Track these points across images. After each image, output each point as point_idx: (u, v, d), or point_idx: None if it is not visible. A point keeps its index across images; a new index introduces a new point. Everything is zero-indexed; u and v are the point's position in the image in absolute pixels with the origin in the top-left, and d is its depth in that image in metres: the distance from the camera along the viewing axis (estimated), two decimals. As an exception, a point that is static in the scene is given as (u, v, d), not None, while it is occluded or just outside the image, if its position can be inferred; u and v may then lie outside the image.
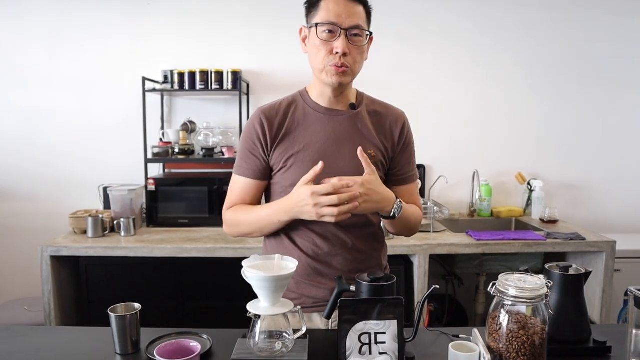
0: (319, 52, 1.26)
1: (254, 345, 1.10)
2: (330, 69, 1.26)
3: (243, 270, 1.11)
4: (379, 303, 0.99)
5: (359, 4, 1.25)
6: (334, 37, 1.24)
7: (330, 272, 1.34)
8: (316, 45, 1.26)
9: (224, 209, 1.40)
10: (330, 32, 1.24)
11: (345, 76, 1.27)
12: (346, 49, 1.23)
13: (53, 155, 3.07)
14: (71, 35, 3.01)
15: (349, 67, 1.26)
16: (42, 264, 2.42)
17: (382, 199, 1.23)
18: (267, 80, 3.07)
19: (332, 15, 1.22)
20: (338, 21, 1.22)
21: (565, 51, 3.14)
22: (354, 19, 1.23)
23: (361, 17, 1.25)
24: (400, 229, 1.38)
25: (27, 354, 1.21)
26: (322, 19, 1.23)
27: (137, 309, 1.22)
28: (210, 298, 2.55)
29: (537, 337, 1.03)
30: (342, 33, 1.22)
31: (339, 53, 1.23)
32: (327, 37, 1.24)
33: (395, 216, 1.26)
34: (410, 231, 1.42)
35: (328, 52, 1.25)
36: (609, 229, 3.12)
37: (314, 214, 1.16)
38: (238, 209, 1.36)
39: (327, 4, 1.23)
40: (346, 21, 1.22)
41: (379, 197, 1.22)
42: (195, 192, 2.80)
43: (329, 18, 1.22)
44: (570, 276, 1.20)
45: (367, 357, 0.98)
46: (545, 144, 3.20)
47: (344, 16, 1.22)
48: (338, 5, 1.22)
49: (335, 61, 1.24)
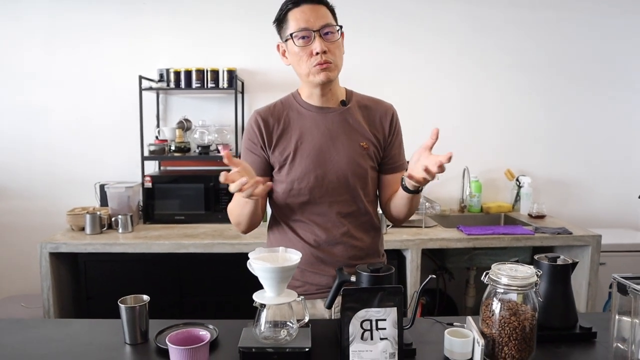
0: (301, 59, 1.35)
1: (260, 334, 1.16)
2: (314, 69, 1.34)
3: (249, 262, 1.16)
4: (380, 291, 1.05)
5: (321, 5, 1.34)
6: (310, 41, 1.32)
7: (331, 260, 1.41)
8: (296, 53, 1.35)
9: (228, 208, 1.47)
10: (305, 38, 1.32)
11: (331, 71, 1.35)
12: (324, 47, 1.31)
13: (49, 153, 3.09)
14: (67, 33, 3.03)
15: (332, 62, 1.34)
16: (41, 261, 2.45)
17: None
18: (261, 78, 3.12)
19: (301, 22, 1.31)
20: (308, 25, 1.31)
21: (553, 50, 3.23)
22: (322, 19, 1.32)
23: (327, 15, 1.34)
24: (410, 210, 1.43)
25: (40, 344, 1.25)
26: (294, 29, 1.32)
27: (146, 300, 1.27)
28: (208, 293, 2.60)
29: (527, 323, 1.09)
30: (315, 35, 1.31)
31: (318, 53, 1.31)
32: (303, 43, 1.33)
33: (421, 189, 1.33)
34: (410, 215, 1.48)
35: (308, 56, 1.33)
36: (594, 224, 3.22)
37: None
38: (231, 203, 1.43)
39: (294, 15, 1.33)
40: (315, 23, 1.31)
41: None
42: (191, 189, 2.84)
43: (300, 25, 1.31)
44: (558, 266, 1.27)
45: (368, 342, 1.04)
46: (534, 142, 3.29)
47: (312, 20, 1.31)
48: (304, 13, 1.32)
49: (318, 60, 1.32)
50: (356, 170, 1.40)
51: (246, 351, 1.13)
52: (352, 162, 1.39)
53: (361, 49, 3.04)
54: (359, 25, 3.02)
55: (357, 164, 1.40)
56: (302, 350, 1.13)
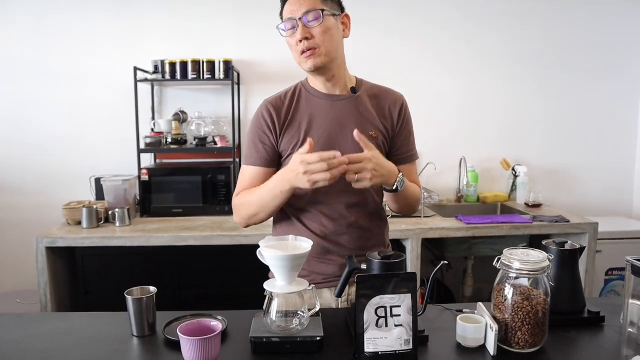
0: (292, 48, 1.36)
1: (271, 323, 1.14)
2: (301, 58, 1.35)
3: (259, 251, 1.15)
4: (394, 278, 1.04)
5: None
6: (295, 30, 1.33)
7: (338, 250, 1.40)
8: (288, 44, 1.37)
9: (234, 198, 1.45)
10: (292, 28, 1.33)
11: (317, 57, 1.33)
12: (305, 34, 1.31)
13: (42, 147, 3.05)
14: (60, 23, 2.98)
15: (316, 48, 1.32)
16: (38, 256, 2.41)
17: (388, 172, 1.29)
18: (258, 70, 3.09)
19: (287, 13, 1.34)
20: (292, 15, 1.32)
21: (550, 41, 3.24)
22: (304, 6, 1.31)
23: (314, 2, 1.32)
24: (402, 205, 1.45)
25: (44, 339, 1.23)
26: (282, 20, 1.36)
27: (153, 292, 1.25)
28: (207, 285, 2.58)
29: (540, 308, 1.09)
30: (298, 24, 1.32)
31: (301, 40, 1.31)
32: (290, 33, 1.34)
33: (399, 189, 1.32)
34: (410, 208, 1.48)
35: (295, 45, 1.34)
36: (590, 212, 3.25)
37: (306, 180, 1.19)
38: (244, 193, 1.41)
39: (285, 8, 1.35)
40: (298, 11, 1.31)
41: (385, 171, 1.28)
42: (188, 182, 2.82)
43: (286, 15, 1.34)
44: (567, 251, 1.27)
45: (383, 329, 1.03)
46: (529, 131, 3.30)
47: (296, 8, 1.31)
48: (291, 4, 1.33)
49: (301, 48, 1.33)
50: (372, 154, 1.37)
51: (258, 341, 1.12)
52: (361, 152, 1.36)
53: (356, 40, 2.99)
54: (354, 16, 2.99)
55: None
56: (314, 339, 1.12)
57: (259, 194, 1.36)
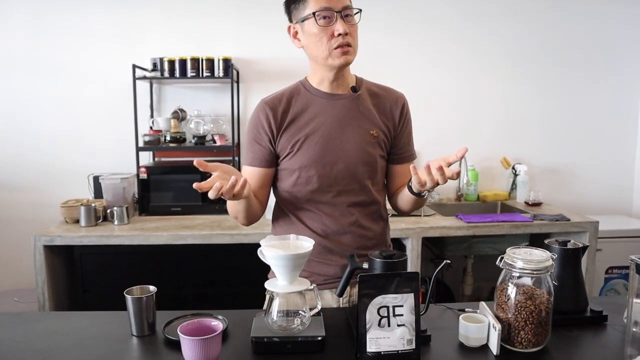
0: (320, 40, 1.30)
1: (272, 323, 1.13)
2: (335, 52, 1.30)
3: (260, 250, 1.14)
4: (396, 277, 1.04)
5: None
6: (332, 22, 1.28)
7: (339, 250, 1.39)
8: (315, 34, 1.30)
9: None
10: (326, 18, 1.28)
11: (350, 54, 1.32)
12: (347, 29, 1.28)
13: (40, 144, 3.03)
14: (58, 20, 2.96)
15: (352, 45, 1.31)
16: (35, 254, 2.40)
17: None
18: (257, 68, 3.07)
19: (323, 2, 1.27)
20: (331, 5, 1.27)
21: (549, 39, 3.23)
22: (343, 1, 1.29)
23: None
24: (414, 206, 1.45)
25: (43, 338, 1.21)
26: (315, 7, 1.27)
27: (153, 291, 1.24)
28: (207, 284, 2.57)
29: (543, 307, 1.09)
30: (337, 16, 1.28)
31: (341, 34, 1.28)
32: (325, 23, 1.28)
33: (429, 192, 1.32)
34: (414, 210, 1.49)
35: (329, 37, 1.29)
36: (589, 211, 3.24)
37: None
38: None
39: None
40: (337, 4, 1.28)
41: None
42: (187, 180, 2.79)
43: (322, 4, 1.27)
44: (570, 250, 1.26)
45: (386, 329, 1.02)
46: (529, 130, 3.30)
47: (334, 0, 1.27)
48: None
49: (340, 42, 1.29)
50: (366, 159, 1.37)
51: (258, 341, 1.11)
52: (362, 151, 1.36)
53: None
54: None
55: (367, 152, 1.37)
56: (315, 339, 1.12)
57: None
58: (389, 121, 1.43)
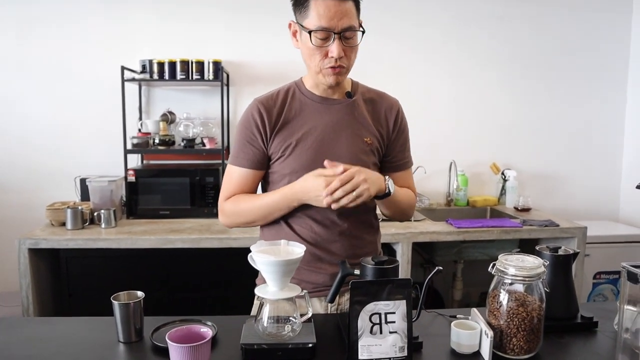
0: (314, 56, 1.26)
1: (262, 330, 1.12)
2: (326, 71, 1.28)
3: (250, 255, 1.12)
4: (389, 284, 1.02)
5: (349, 0, 1.23)
6: (328, 42, 1.23)
7: (329, 258, 1.36)
8: (310, 49, 1.26)
9: (221, 200, 1.41)
10: (324, 39, 1.23)
11: (342, 75, 1.30)
12: (341, 53, 1.24)
13: (25, 146, 2.98)
14: (46, 21, 2.92)
15: (345, 66, 1.28)
16: (20, 257, 2.36)
17: (377, 178, 1.28)
18: (247, 71, 3.06)
19: (323, 20, 1.20)
20: (330, 25, 1.21)
21: (538, 47, 3.26)
22: (346, 21, 1.22)
23: (352, 15, 1.23)
24: (394, 211, 1.42)
25: (26, 345, 1.18)
26: (313, 25, 1.21)
27: (140, 297, 1.22)
28: (195, 289, 2.54)
29: (535, 314, 1.08)
30: (335, 37, 1.22)
31: (334, 57, 1.24)
32: (321, 43, 1.24)
33: (391, 191, 1.30)
34: (404, 214, 1.46)
35: (323, 56, 1.26)
36: (577, 217, 3.27)
37: (326, 202, 1.20)
38: (239, 199, 1.37)
39: (317, 8, 1.21)
40: (338, 24, 1.21)
41: (375, 177, 1.27)
42: (176, 184, 2.77)
43: (321, 23, 1.21)
44: (561, 256, 1.26)
45: (378, 336, 1.01)
46: (519, 136, 3.32)
47: (335, 19, 1.20)
48: (329, 9, 1.20)
49: (332, 64, 1.26)
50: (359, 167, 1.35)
51: (248, 348, 1.09)
52: (355, 158, 1.32)
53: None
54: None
55: (360, 160, 1.34)
56: (306, 345, 1.10)
57: (259, 204, 1.34)
58: (383, 128, 1.41)
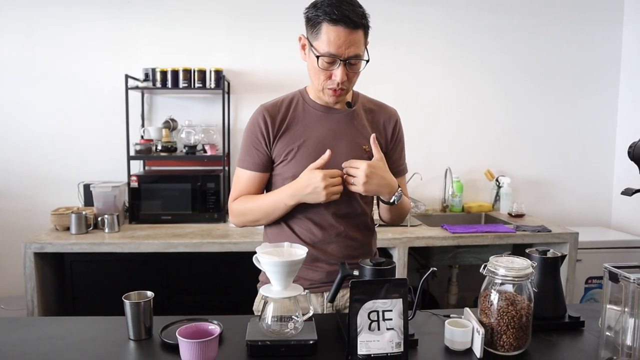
0: (318, 75, 1.35)
1: (267, 327, 1.18)
2: (328, 91, 1.37)
3: (255, 257, 1.19)
4: (386, 283, 1.09)
5: (359, 29, 1.29)
6: (333, 66, 1.31)
7: (325, 258, 1.45)
8: (315, 68, 1.33)
9: (230, 201, 1.49)
10: (329, 62, 1.31)
11: (342, 96, 1.39)
12: (344, 78, 1.32)
13: (29, 152, 3.04)
14: (51, 30, 2.99)
15: (346, 89, 1.37)
16: (25, 261, 2.40)
17: (385, 184, 1.35)
18: (248, 79, 3.13)
19: (332, 47, 1.27)
20: (338, 52, 1.28)
21: (533, 56, 3.35)
22: (353, 49, 1.29)
23: (360, 44, 1.30)
24: (393, 216, 1.51)
25: (39, 343, 1.24)
26: (322, 50, 1.28)
27: (150, 296, 1.28)
28: (197, 292, 2.60)
29: (524, 312, 1.15)
30: (341, 64, 1.30)
31: (337, 81, 1.32)
32: (326, 67, 1.32)
33: (395, 203, 1.38)
34: (400, 220, 1.55)
35: (327, 77, 1.34)
36: (570, 223, 3.34)
37: (324, 194, 1.30)
38: (245, 199, 1.45)
39: (328, 32, 1.27)
40: (345, 52, 1.28)
41: (383, 182, 1.34)
42: (178, 189, 2.83)
43: (329, 50, 1.27)
44: (549, 259, 1.33)
45: (376, 332, 1.08)
46: (513, 144, 3.40)
47: (343, 47, 1.27)
48: (339, 37, 1.26)
49: (334, 86, 1.34)
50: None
51: (253, 344, 1.16)
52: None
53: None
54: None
55: None
56: (308, 342, 1.16)
57: (261, 204, 1.42)
58: (382, 137, 1.48)
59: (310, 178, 1.31)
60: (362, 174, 1.29)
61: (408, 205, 1.53)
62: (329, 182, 1.29)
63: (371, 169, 1.30)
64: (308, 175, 1.32)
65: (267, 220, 1.45)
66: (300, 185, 1.33)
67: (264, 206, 1.42)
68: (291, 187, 1.36)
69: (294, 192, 1.35)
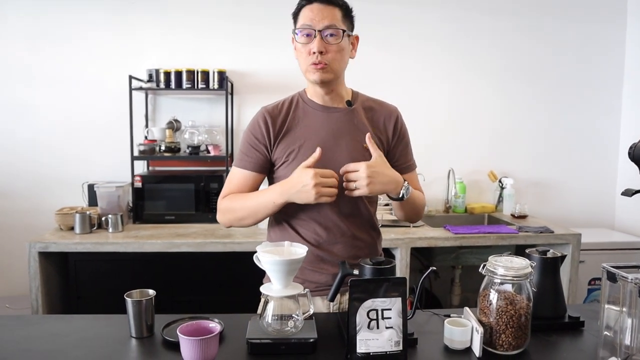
0: (301, 55, 1.39)
1: (267, 326, 1.19)
2: (310, 68, 1.38)
3: (256, 255, 1.20)
4: (385, 282, 1.10)
5: (333, 6, 1.36)
6: (311, 40, 1.35)
7: (331, 259, 1.44)
8: (298, 49, 1.39)
9: (220, 198, 1.49)
10: (307, 36, 1.36)
11: (325, 73, 1.38)
12: (321, 48, 1.34)
13: (34, 152, 3.06)
14: (55, 30, 3.01)
15: (327, 64, 1.37)
16: (30, 260, 2.43)
17: (389, 180, 1.34)
18: (251, 80, 3.14)
19: (307, 20, 1.35)
20: (312, 24, 1.34)
21: (535, 57, 3.34)
22: (327, 20, 1.34)
23: (335, 17, 1.35)
24: (408, 212, 1.50)
25: (45, 340, 1.26)
26: (299, 25, 1.37)
27: (152, 295, 1.29)
28: (200, 292, 2.61)
29: (523, 312, 1.15)
30: (316, 34, 1.34)
31: (315, 52, 1.35)
32: (305, 41, 1.36)
33: (404, 197, 1.37)
34: (417, 215, 1.53)
35: (307, 54, 1.37)
36: (573, 224, 3.33)
37: (313, 194, 1.27)
38: (233, 197, 1.45)
39: (304, 12, 1.36)
40: (319, 23, 1.34)
41: (386, 179, 1.33)
42: (181, 189, 2.85)
43: (305, 22, 1.35)
44: (549, 259, 1.33)
45: (375, 331, 1.08)
46: (516, 145, 3.40)
47: (317, 19, 1.34)
48: (312, 11, 1.35)
49: (313, 60, 1.36)
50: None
51: (254, 342, 1.17)
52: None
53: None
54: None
55: None
56: (307, 340, 1.17)
57: (250, 202, 1.41)
58: (383, 135, 1.49)
59: (301, 176, 1.29)
60: (364, 175, 1.28)
61: (422, 199, 1.51)
62: (319, 181, 1.27)
63: (371, 169, 1.30)
64: (298, 173, 1.31)
65: (254, 219, 1.41)
66: (290, 183, 1.32)
67: (251, 204, 1.40)
68: (281, 185, 1.35)
69: (282, 189, 1.33)
